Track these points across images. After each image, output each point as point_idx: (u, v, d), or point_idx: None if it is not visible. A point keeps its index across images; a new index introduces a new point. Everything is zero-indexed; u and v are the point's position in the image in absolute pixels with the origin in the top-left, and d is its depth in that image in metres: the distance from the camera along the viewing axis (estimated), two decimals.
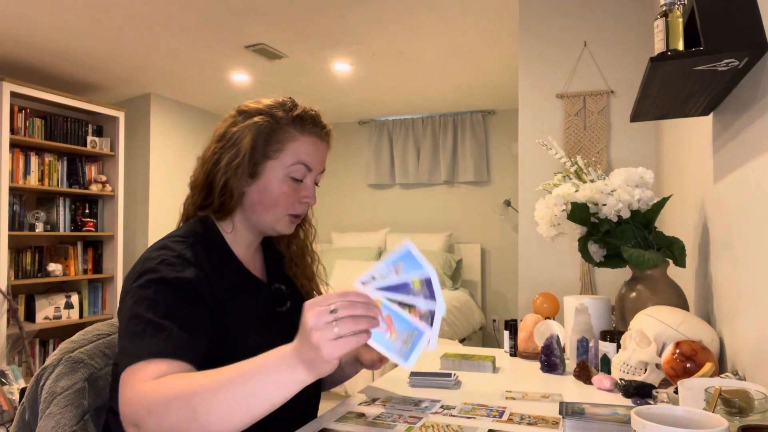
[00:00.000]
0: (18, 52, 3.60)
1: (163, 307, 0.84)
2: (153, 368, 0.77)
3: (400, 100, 4.91)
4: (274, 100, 1.04)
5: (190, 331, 0.84)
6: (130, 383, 0.77)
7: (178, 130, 4.96)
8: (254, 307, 1.01)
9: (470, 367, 1.37)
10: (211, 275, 0.94)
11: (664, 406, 0.69)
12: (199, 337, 0.85)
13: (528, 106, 2.79)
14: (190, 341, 0.83)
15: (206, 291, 0.90)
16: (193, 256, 0.93)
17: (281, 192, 1.00)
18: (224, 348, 0.91)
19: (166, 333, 0.81)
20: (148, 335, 0.81)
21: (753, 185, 1.00)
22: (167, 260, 0.90)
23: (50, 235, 3.93)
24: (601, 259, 1.46)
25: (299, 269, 1.14)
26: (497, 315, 5.08)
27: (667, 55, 1.00)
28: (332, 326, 0.67)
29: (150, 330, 0.81)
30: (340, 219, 5.69)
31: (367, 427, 0.95)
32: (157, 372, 0.77)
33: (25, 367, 3.59)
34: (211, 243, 1.00)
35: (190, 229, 1.00)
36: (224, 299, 0.94)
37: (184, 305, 0.86)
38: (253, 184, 1.00)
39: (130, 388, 0.76)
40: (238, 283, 1.00)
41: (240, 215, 1.03)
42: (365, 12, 3.05)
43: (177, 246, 0.94)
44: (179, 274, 0.88)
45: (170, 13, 3.05)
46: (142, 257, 0.94)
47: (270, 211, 1.01)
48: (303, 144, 1.02)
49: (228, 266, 1.00)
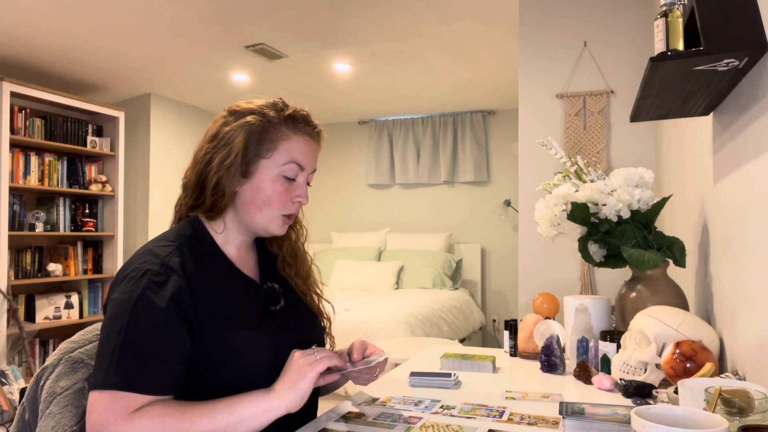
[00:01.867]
0: (18, 52, 3.60)
1: (137, 334, 0.85)
2: (121, 400, 0.82)
3: (400, 100, 4.91)
4: (266, 100, 1.05)
5: (161, 362, 0.86)
6: (96, 409, 0.82)
7: (178, 130, 4.96)
8: (246, 305, 1.01)
9: (470, 367, 1.37)
10: (195, 280, 0.94)
11: (664, 406, 0.69)
12: (171, 367, 0.87)
13: (528, 106, 2.80)
14: (159, 373, 0.85)
15: (187, 301, 0.91)
16: (178, 263, 0.93)
17: (274, 191, 1.00)
18: (215, 347, 0.92)
19: (136, 363, 0.84)
20: (116, 363, 0.83)
21: (753, 185, 1.00)
22: (150, 270, 0.90)
23: (50, 235, 3.93)
24: (601, 259, 1.46)
25: (293, 269, 1.14)
26: (497, 315, 5.08)
27: (667, 55, 1.00)
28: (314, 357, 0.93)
29: (119, 358, 0.84)
30: (340, 219, 5.69)
31: (367, 427, 0.95)
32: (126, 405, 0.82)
33: (25, 367, 3.59)
34: (201, 244, 1.00)
35: (179, 232, 1.01)
36: (208, 302, 0.94)
37: (159, 332, 0.87)
38: (245, 183, 1.00)
39: (97, 415, 0.81)
40: (229, 283, 1.00)
41: (231, 215, 1.03)
42: (365, 12, 3.05)
43: (163, 251, 0.94)
44: (159, 290, 0.89)
45: (170, 13, 3.05)
46: (127, 262, 0.95)
47: (263, 210, 1.01)
48: (296, 143, 1.02)
49: (217, 267, 1.01)
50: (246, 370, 0.94)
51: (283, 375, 0.92)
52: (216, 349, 0.92)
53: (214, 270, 0.99)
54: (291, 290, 1.13)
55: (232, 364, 0.93)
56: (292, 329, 1.06)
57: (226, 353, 0.93)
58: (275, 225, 1.03)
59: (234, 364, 0.93)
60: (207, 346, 0.92)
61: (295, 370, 0.91)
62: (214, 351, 0.92)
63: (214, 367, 0.92)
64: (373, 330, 3.33)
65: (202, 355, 0.91)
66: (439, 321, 3.88)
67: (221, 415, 0.84)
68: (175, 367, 0.87)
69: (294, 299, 1.11)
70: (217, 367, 0.92)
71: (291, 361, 0.93)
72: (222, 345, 0.93)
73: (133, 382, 0.83)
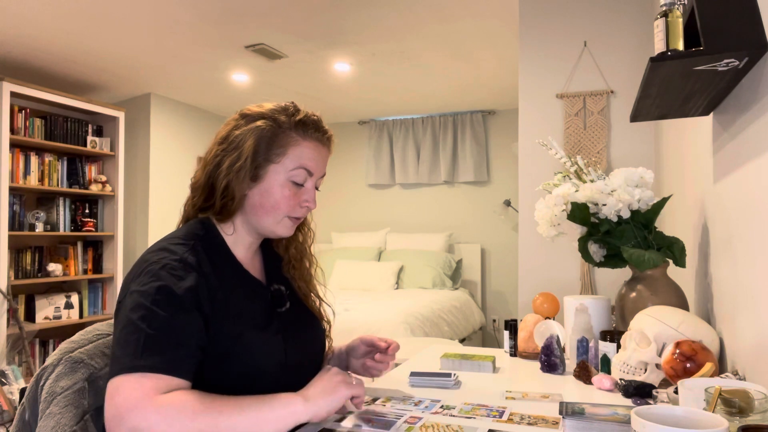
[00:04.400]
0: (18, 52, 3.60)
1: (160, 320, 0.85)
2: (149, 382, 0.79)
3: (400, 100, 4.91)
4: (277, 104, 1.05)
5: (182, 346, 0.85)
6: (122, 392, 0.78)
7: (178, 130, 4.96)
8: (254, 307, 1.01)
9: (470, 367, 1.37)
10: (211, 278, 0.94)
11: (664, 406, 0.69)
12: (192, 352, 0.87)
13: (528, 106, 2.80)
14: (182, 357, 0.85)
15: (204, 297, 0.91)
16: (195, 260, 0.94)
17: (282, 195, 1.01)
18: (229, 344, 0.93)
19: (160, 347, 0.83)
20: (141, 347, 0.82)
21: (753, 185, 1.00)
22: (168, 264, 0.90)
23: (50, 235, 3.93)
24: (601, 259, 1.46)
25: (297, 271, 1.15)
26: (497, 315, 5.08)
27: (667, 55, 1.00)
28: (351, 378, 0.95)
29: (144, 342, 0.82)
30: (340, 219, 5.69)
31: (368, 427, 0.95)
32: (154, 386, 0.79)
33: (25, 367, 3.59)
34: (212, 245, 1.01)
35: (190, 231, 1.01)
36: (224, 301, 0.94)
37: (180, 317, 0.86)
38: (254, 187, 1.01)
39: (123, 397, 0.78)
40: (239, 284, 1.01)
41: (241, 217, 1.04)
42: (365, 12, 3.05)
43: (178, 249, 0.94)
44: (179, 281, 0.89)
45: (170, 13, 3.05)
46: (142, 258, 0.94)
47: (271, 214, 1.01)
48: (305, 149, 1.02)
49: (228, 268, 1.01)
50: (256, 369, 0.95)
51: (318, 384, 0.91)
52: (229, 347, 0.93)
53: (225, 270, 1.00)
54: (294, 292, 1.13)
55: (244, 362, 0.94)
56: (297, 330, 1.06)
57: (238, 351, 0.93)
58: (283, 227, 1.04)
59: (246, 363, 0.94)
60: (221, 343, 0.92)
61: (332, 384, 0.91)
62: (227, 348, 0.92)
63: (226, 365, 0.93)
64: (373, 330, 3.33)
65: (216, 352, 0.91)
66: (439, 321, 3.88)
67: (250, 410, 0.82)
68: (196, 353, 0.88)
69: (297, 301, 1.12)
70: (230, 364, 0.93)
71: (329, 373, 0.93)
72: (235, 343, 0.93)
73: (161, 365, 0.82)
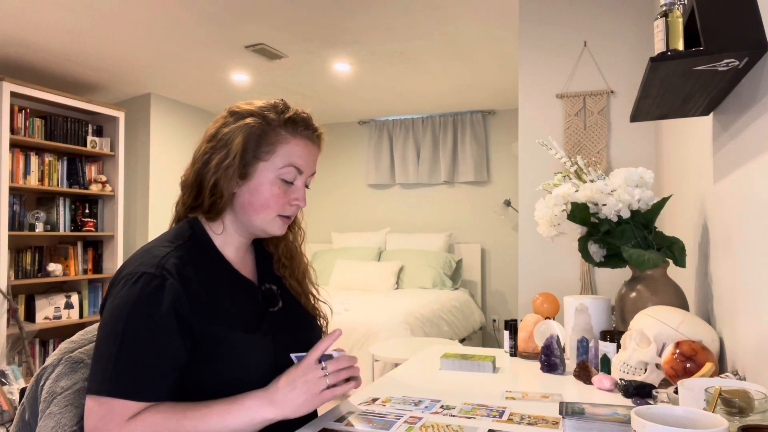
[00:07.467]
0: (18, 52, 3.60)
1: (130, 340, 0.86)
2: (117, 407, 0.84)
3: (400, 100, 4.91)
4: (266, 101, 1.04)
5: (154, 368, 0.87)
6: (93, 416, 0.84)
7: (178, 130, 4.96)
8: (245, 307, 1.01)
9: (470, 367, 1.37)
10: (193, 282, 0.93)
11: (664, 406, 0.69)
12: (163, 373, 0.88)
13: (528, 106, 2.80)
14: (152, 380, 0.86)
15: (184, 304, 0.90)
16: (175, 264, 0.93)
17: (271, 194, 1.00)
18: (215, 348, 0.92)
19: (129, 371, 0.85)
20: (111, 369, 0.84)
21: (753, 185, 1.00)
22: (146, 274, 0.90)
23: (50, 235, 3.93)
24: (601, 259, 1.46)
25: (288, 270, 1.14)
26: (497, 315, 5.08)
27: (667, 55, 1.00)
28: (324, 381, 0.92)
29: (114, 364, 0.85)
30: (340, 219, 5.69)
31: (368, 427, 0.95)
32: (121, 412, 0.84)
33: (25, 367, 3.59)
34: (199, 246, 1.00)
35: (178, 233, 1.01)
36: (209, 304, 0.94)
37: (152, 336, 0.87)
38: (243, 185, 1.00)
39: (94, 422, 0.83)
40: (228, 284, 1.00)
41: (230, 216, 1.03)
42: (365, 12, 3.05)
43: (161, 251, 0.94)
44: (155, 294, 0.88)
45: (170, 13, 3.05)
46: (124, 264, 0.95)
47: (260, 212, 1.01)
48: (294, 146, 1.01)
49: (216, 268, 1.00)
50: (245, 372, 0.94)
51: (291, 385, 0.90)
52: (216, 350, 0.92)
53: (212, 272, 0.99)
54: (286, 290, 1.13)
55: (232, 365, 0.93)
56: (290, 330, 1.05)
57: (225, 354, 0.93)
58: (274, 226, 1.03)
59: (233, 365, 0.93)
60: (207, 347, 0.92)
61: (304, 388, 0.90)
62: (213, 352, 0.92)
63: (213, 368, 0.92)
64: (373, 330, 3.33)
65: (202, 356, 0.91)
66: (439, 321, 3.88)
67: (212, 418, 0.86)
68: (169, 375, 0.88)
69: (289, 300, 1.11)
70: (217, 368, 0.92)
71: (298, 370, 0.92)
72: (221, 346, 0.93)
73: (129, 389, 0.84)
